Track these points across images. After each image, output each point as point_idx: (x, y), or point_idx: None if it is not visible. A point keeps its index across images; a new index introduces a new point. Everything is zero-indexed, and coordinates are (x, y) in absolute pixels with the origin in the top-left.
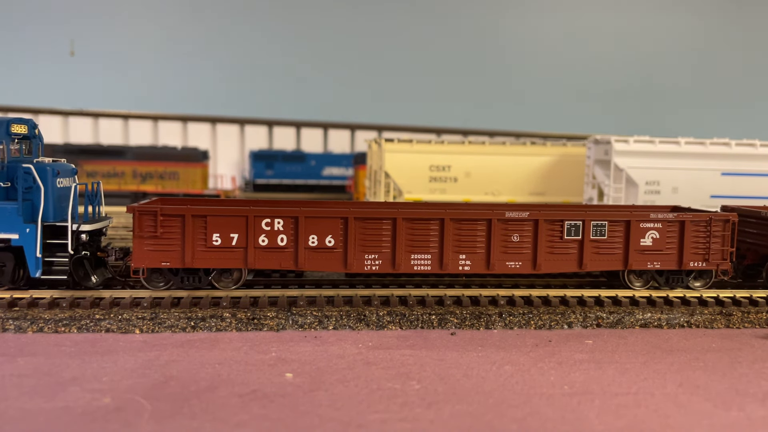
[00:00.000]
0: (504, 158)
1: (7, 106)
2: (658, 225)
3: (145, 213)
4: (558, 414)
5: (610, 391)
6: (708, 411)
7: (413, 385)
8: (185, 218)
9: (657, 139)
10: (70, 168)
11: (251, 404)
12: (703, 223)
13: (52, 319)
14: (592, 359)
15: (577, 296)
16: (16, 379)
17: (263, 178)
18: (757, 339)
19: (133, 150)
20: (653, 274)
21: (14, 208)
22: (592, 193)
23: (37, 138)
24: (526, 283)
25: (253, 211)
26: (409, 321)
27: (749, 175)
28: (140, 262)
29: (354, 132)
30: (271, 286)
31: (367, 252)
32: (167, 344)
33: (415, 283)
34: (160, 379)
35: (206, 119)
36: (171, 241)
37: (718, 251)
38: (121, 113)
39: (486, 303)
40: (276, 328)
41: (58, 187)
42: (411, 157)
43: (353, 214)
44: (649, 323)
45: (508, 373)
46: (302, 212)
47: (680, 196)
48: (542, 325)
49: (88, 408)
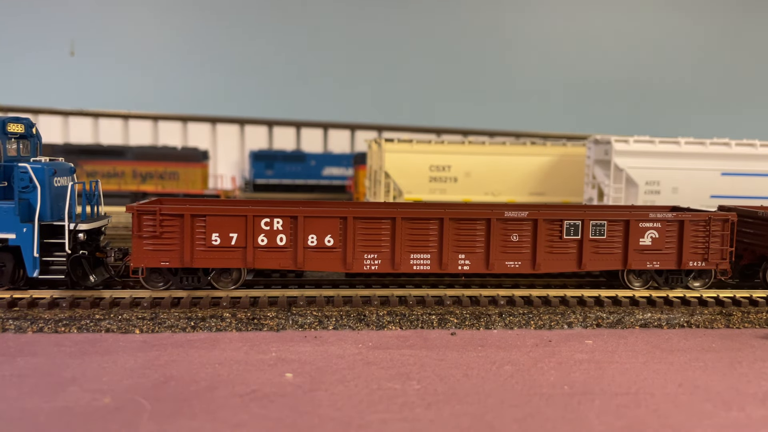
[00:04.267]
0: (504, 158)
1: (7, 106)
2: (657, 225)
3: (145, 213)
4: (558, 414)
5: (610, 391)
6: (708, 411)
7: (413, 385)
8: (184, 218)
9: (657, 139)
10: (68, 167)
11: (251, 404)
12: (702, 222)
13: (52, 319)
14: (592, 359)
15: (577, 296)
16: (16, 379)
17: (263, 178)
18: (757, 339)
19: (133, 150)
20: (652, 274)
21: (11, 208)
22: (592, 193)
23: (34, 137)
24: (526, 283)
25: (252, 210)
26: (409, 321)
27: (749, 175)
28: (139, 262)
29: (354, 132)
30: (271, 286)
31: (367, 252)
32: (167, 344)
33: (415, 283)
34: (160, 379)
35: (206, 119)
36: (170, 241)
37: (717, 251)
38: (121, 113)
39: (486, 303)
40: (276, 328)
41: (56, 186)
42: (411, 157)
43: (352, 213)
44: (649, 323)
45: (508, 373)
46: (301, 212)
47: (680, 196)
48: (542, 325)
49: (88, 408)
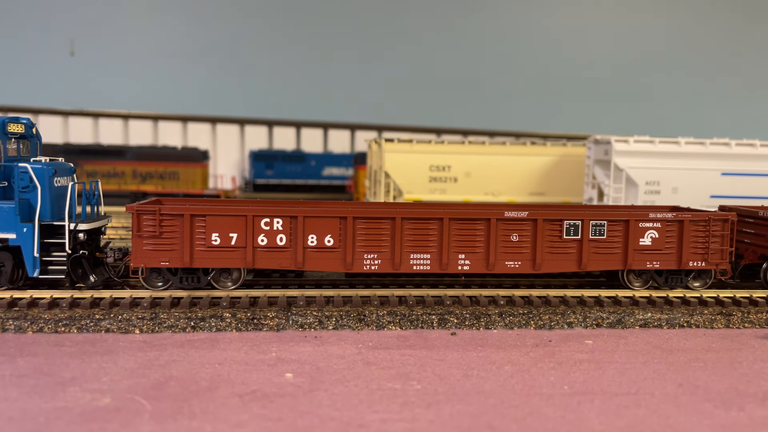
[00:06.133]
0: (504, 158)
1: (7, 106)
2: (657, 225)
3: (144, 212)
4: (558, 414)
5: (610, 391)
6: (708, 411)
7: (413, 385)
8: (184, 218)
9: (657, 139)
10: (68, 167)
11: (251, 404)
12: (702, 222)
13: (52, 319)
14: (592, 359)
15: (577, 296)
16: (16, 379)
17: (263, 178)
18: (757, 339)
19: (133, 150)
20: (652, 274)
21: (11, 208)
22: (592, 193)
23: (34, 137)
24: (526, 283)
25: (252, 210)
26: (409, 321)
27: (749, 175)
28: (139, 262)
29: (354, 132)
30: (271, 286)
31: (367, 252)
32: (167, 344)
33: (415, 284)
34: (160, 379)
35: (206, 119)
36: (170, 241)
37: (717, 251)
38: (121, 113)
39: (486, 303)
40: (276, 328)
41: (56, 186)
42: (411, 157)
43: (352, 213)
44: (649, 323)
45: (508, 373)
46: (301, 212)
47: (680, 196)
48: (542, 325)
49: (87, 408)
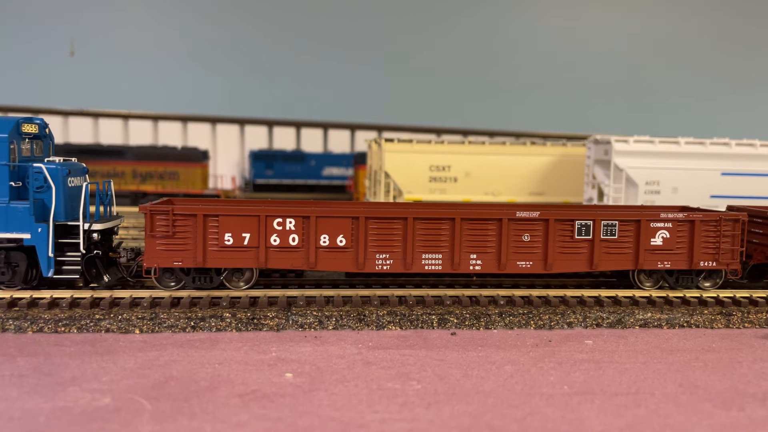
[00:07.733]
0: (504, 158)
1: (8, 105)
2: (668, 225)
3: (158, 213)
4: (558, 414)
5: (610, 391)
6: (708, 411)
7: (413, 385)
8: (197, 218)
9: (657, 139)
10: (81, 167)
11: (251, 404)
12: (713, 222)
13: (52, 319)
14: (592, 359)
15: (577, 296)
16: (16, 379)
17: (263, 178)
18: (757, 339)
19: (133, 150)
20: (663, 274)
21: (26, 208)
22: (592, 193)
23: (48, 137)
24: (526, 282)
25: (265, 210)
26: (409, 321)
27: (749, 175)
28: (152, 262)
29: (354, 132)
30: (271, 286)
31: (379, 252)
32: (167, 344)
33: (415, 283)
34: (160, 379)
35: (206, 119)
36: (183, 241)
37: (728, 251)
38: (121, 113)
39: (486, 303)
40: (276, 328)
41: (69, 186)
42: (411, 157)
43: (364, 213)
44: (649, 323)
45: (508, 373)
46: (314, 212)
47: (680, 196)
48: (542, 325)
49: (87, 408)
